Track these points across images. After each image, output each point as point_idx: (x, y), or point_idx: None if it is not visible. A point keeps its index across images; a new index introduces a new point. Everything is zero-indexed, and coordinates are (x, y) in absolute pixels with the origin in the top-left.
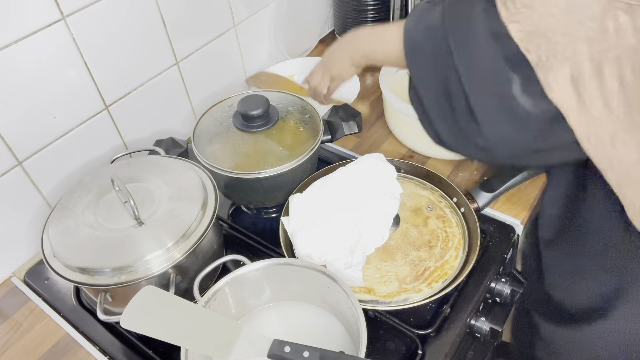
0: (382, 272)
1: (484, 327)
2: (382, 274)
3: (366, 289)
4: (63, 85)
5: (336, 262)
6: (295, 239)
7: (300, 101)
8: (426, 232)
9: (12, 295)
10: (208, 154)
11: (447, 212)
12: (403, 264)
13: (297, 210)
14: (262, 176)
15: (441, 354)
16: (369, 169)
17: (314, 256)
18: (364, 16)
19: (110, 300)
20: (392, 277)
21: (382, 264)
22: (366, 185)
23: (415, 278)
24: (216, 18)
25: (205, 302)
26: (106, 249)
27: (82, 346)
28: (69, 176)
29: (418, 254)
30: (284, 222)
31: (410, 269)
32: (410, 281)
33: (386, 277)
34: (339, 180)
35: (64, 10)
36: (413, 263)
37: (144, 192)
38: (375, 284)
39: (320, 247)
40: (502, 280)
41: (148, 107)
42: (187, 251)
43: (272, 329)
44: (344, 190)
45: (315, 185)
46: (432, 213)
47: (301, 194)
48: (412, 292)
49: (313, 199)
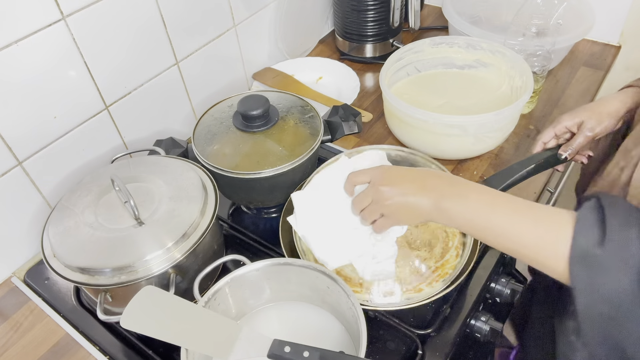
0: None
1: (484, 327)
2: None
3: (368, 289)
4: (63, 85)
5: (360, 258)
6: (310, 242)
7: (300, 101)
8: (426, 232)
9: (12, 295)
10: (208, 154)
11: None
12: (403, 264)
13: (302, 208)
14: (262, 176)
15: (441, 354)
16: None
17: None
18: (364, 16)
19: (110, 300)
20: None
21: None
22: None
23: (416, 278)
24: (216, 18)
25: (205, 302)
26: (106, 249)
27: (82, 346)
28: (69, 176)
29: (419, 254)
30: (291, 222)
31: (411, 269)
32: (411, 281)
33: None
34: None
35: (64, 10)
36: (413, 263)
37: (144, 192)
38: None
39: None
40: (502, 280)
41: (148, 107)
42: (187, 251)
43: (272, 329)
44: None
45: (316, 180)
46: None
47: (302, 191)
48: (413, 292)
49: (317, 195)
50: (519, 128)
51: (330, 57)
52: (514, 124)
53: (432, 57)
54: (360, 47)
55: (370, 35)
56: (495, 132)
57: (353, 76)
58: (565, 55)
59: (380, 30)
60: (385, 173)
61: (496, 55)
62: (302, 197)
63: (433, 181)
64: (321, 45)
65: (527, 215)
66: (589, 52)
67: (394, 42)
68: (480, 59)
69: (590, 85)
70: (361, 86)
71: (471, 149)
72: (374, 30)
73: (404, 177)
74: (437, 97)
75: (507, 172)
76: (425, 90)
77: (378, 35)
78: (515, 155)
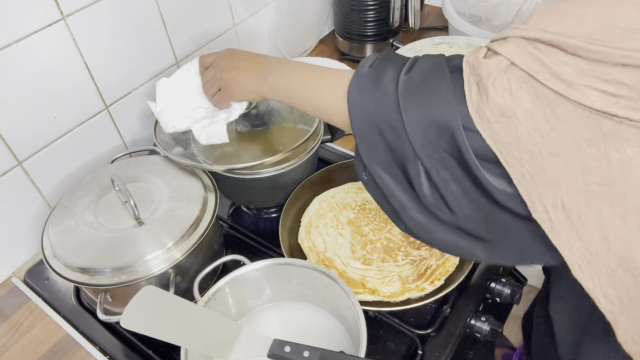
0: (384, 272)
1: (484, 327)
2: (384, 275)
3: (370, 290)
4: (63, 85)
5: (199, 123)
6: (161, 118)
7: None
8: None
9: (12, 295)
10: (208, 154)
11: None
12: (404, 263)
13: (163, 92)
14: (262, 176)
15: (441, 354)
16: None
17: (177, 125)
18: (364, 16)
19: (110, 300)
20: (394, 278)
21: (384, 264)
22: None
23: (418, 277)
24: (216, 18)
25: (205, 302)
26: (106, 249)
27: (82, 346)
28: (69, 176)
29: (419, 253)
30: (151, 106)
31: (412, 268)
32: (412, 280)
33: (389, 277)
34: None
35: (64, 10)
36: (414, 262)
37: (144, 192)
38: (379, 285)
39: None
40: (502, 280)
41: (148, 107)
42: (187, 251)
43: (272, 329)
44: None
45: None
46: None
47: (168, 77)
48: (415, 291)
49: (179, 81)
50: None
51: (330, 57)
52: None
53: None
54: (360, 47)
55: (370, 35)
56: None
57: None
58: None
59: (380, 30)
60: (229, 51)
61: None
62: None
63: (265, 60)
64: (321, 45)
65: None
66: None
67: (394, 42)
68: None
69: None
70: None
71: None
72: (374, 30)
73: (243, 56)
74: None
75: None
76: None
77: (378, 35)
78: None
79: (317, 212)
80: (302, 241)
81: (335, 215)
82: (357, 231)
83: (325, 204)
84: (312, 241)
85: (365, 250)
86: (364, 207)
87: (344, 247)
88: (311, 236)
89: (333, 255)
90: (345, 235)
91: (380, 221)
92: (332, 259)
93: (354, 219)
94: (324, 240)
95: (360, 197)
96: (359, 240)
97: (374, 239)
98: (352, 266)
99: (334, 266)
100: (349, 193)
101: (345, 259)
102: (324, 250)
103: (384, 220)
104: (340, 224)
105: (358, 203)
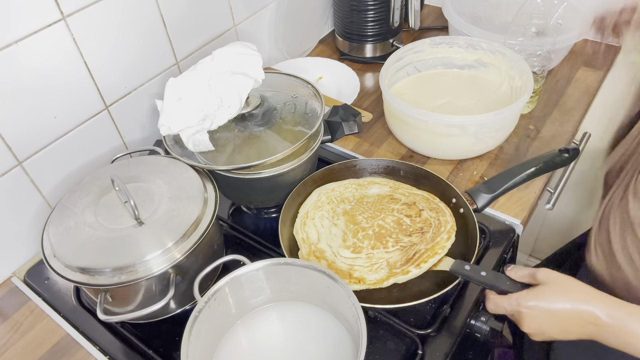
0: (373, 259)
1: (484, 327)
2: (372, 262)
3: (356, 279)
4: (63, 85)
5: (187, 130)
6: (161, 116)
7: (300, 101)
8: (419, 220)
9: (12, 295)
10: (208, 154)
11: (441, 205)
12: (394, 250)
13: (168, 92)
14: (262, 176)
15: (441, 354)
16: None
17: (173, 127)
18: (364, 16)
19: (110, 300)
20: (383, 264)
21: (373, 251)
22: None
23: (405, 262)
24: (216, 18)
25: (205, 302)
26: (106, 249)
27: (82, 346)
28: (69, 176)
29: (410, 239)
30: (158, 104)
31: (401, 254)
32: (400, 265)
33: (377, 264)
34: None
35: (64, 10)
36: (404, 248)
37: (144, 192)
38: (365, 273)
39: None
40: None
41: (148, 107)
42: (187, 251)
43: (272, 329)
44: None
45: (190, 69)
46: (426, 206)
47: (175, 78)
48: (400, 275)
49: (184, 81)
50: (519, 128)
51: (331, 57)
52: (514, 124)
53: (432, 57)
54: (360, 47)
55: (370, 35)
56: (495, 132)
57: (353, 76)
58: (565, 55)
59: (380, 30)
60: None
61: (496, 55)
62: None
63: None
64: (321, 45)
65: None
66: (589, 52)
67: (394, 42)
68: (480, 59)
69: (590, 85)
70: (361, 86)
71: (471, 149)
72: (374, 30)
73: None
74: (437, 97)
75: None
76: (425, 90)
77: (378, 35)
78: (516, 155)
79: (314, 203)
80: (297, 232)
81: (333, 208)
82: (351, 220)
83: (324, 197)
84: (307, 232)
85: (357, 238)
86: (361, 200)
87: (337, 237)
88: (306, 227)
89: (325, 245)
90: (339, 225)
91: (375, 210)
92: (324, 249)
93: (349, 210)
94: (317, 231)
95: (359, 192)
96: (351, 228)
97: (366, 227)
98: (341, 255)
99: (324, 257)
100: (348, 188)
101: (337, 248)
102: (316, 241)
103: (379, 209)
104: (336, 215)
105: (356, 197)
